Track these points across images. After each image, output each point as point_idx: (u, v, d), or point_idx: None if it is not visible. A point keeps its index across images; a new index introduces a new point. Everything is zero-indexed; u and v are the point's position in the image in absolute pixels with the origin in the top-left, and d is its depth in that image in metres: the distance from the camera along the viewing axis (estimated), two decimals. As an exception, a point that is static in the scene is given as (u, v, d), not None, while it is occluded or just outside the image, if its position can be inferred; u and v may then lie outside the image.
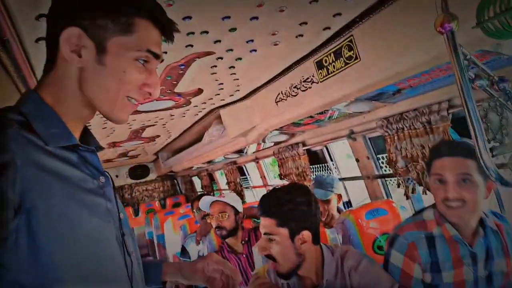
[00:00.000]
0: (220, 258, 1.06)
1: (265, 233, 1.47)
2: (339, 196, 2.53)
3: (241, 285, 2.36)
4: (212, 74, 1.99)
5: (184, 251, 3.14)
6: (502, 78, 1.08)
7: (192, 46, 1.54)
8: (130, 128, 3.31)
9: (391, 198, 2.54)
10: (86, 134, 0.87)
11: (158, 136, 4.07)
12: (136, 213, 7.19)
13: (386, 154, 2.25)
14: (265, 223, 1.47)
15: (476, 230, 1.44)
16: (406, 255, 1.46)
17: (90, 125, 2.81)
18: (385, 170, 2.58)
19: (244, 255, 2.46)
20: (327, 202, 2.44)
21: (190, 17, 1.26)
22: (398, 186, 2.32)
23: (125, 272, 0.80)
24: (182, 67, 1.77)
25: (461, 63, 1.05)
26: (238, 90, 2.46)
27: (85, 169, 0.78)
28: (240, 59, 1.81)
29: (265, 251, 1.46)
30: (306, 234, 1.45)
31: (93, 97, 0.77)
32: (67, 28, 0.73)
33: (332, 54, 1.76)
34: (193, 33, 1.41)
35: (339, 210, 2.58)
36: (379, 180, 2.55)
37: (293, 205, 1.45)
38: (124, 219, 0.86)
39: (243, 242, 2.49)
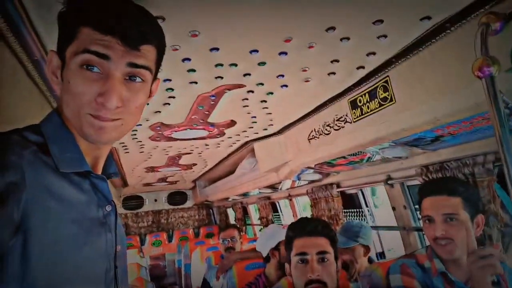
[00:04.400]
0: None
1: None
2: (366, 249, 2.25)
3: None
4: (244, 106, 1.99)
5: (205, 284, 3.04)
6: (550, 132, 0.96)
7: (222, 78, 1.55)
8: (167, 155, 3.38)
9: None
10: (106, 159, 0.86)
11: (195, 164, 4.12)
12: (170, 239, 7.24)
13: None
14: (321, 242, 1.54)
15: None
16: (402, 273, 1.51)
17: (127, 150, 2.90)
18: (423, 223, 2.36)
19: None
20: (350, 251, 2.21)
21: (217, 49, 1.27)
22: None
23: None
24: (213, 97, 1.78)
25: (501, 111, 0.95)
26: (272, 125, 2.43)
27: (93, 196, 0.77)
28: (272, 93, 1.79)
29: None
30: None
31: (67, 116, 0.75)
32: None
33: (366, 94, 1.68)
34: (221, 65, 1.41)
35: (370, 261, 2.37)
36: (416, 233, 2.34)
37: None
38: (121, 252, 0.82)
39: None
